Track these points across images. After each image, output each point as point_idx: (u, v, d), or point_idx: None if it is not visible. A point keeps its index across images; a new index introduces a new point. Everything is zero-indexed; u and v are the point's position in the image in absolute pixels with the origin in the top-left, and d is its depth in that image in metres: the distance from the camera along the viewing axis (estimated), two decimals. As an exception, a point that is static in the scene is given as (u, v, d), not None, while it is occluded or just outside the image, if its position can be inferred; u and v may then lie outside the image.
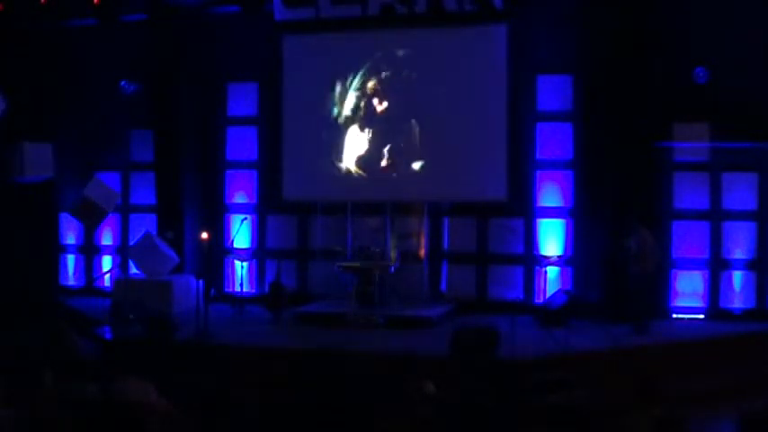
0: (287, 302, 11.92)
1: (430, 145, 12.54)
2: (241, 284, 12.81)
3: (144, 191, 14.01)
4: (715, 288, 11.91)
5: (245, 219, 12.90)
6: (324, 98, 12.99)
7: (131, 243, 13.28)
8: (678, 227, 12.05)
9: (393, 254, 11.92)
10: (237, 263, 12.92)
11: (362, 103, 12.85)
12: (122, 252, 13.88)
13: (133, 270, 12.71)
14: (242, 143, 13.75)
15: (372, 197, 12.77)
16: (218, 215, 13.77)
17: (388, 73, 12.75)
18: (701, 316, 11.83)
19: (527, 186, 12.51)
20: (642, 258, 10.71)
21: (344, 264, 11.84)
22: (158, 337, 10.17)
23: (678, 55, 11.71)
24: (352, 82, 12.87)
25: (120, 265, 13.63)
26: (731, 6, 11.64)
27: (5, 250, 12.61)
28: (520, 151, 12.44)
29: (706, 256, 11.98)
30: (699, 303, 11.93)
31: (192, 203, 13.51)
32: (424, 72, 12.58)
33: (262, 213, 13.67)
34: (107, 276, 13.55)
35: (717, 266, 11.94)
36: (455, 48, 12.50)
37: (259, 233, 13.66)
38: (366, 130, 12.82)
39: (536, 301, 12.28)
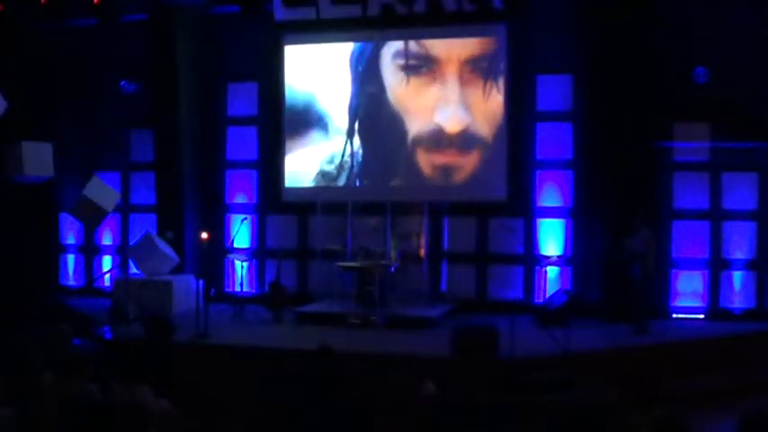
0: (287, 302, 11.92)
1: (430, 145, 12.57)
2: (241, 284, 12.81)
3: (144, 191, 14.02)
4: (715, 288, 11.92)
5: (245, 219, 12.91)
6: (324, 98, 13.00)
7: (131, 243, 13.29)
8: (678, 227, 12.06)
9: (393, 254, 11.90)
10: (237, 263, 12.92)
11: (362, 102, 12.88)
12: (122, 252, 13.89)
13: (133, 270, 12.71)
14: (242, 143, 13.76)
15: (372, 197, 12.77)
16: (218, 215, 13.78)
17: (387, 73, 12.78)
18: (701, 316, 11.84)
19: (527, 186, 12.51)
20: (645, 258, 10.70)
21: (344, 264, 11.83)
22: (158, 337, 10.16)
23: (678, 55, 11.71)
24: (354, 75, 12.89)
25: (120, 265, 13.64)
26: (731, 6, 11.64)
27: (5, 250, 12.61)
28: (520, 151, 12.44)
29: (706, 256, 11.99)
30: (699, 303, 11.94)
31: (192, 203, 13.51)
32: (424, 72, 12.59)
33: (262, 213, 13.68)
34: (107, 276, 13.57)
35: (717, 266, 11.95)
36: (455, 48, 12.51)
37: (259, 233, 13.66)
38: (365, 129, 12.87)
39: (536, 301, 12.28)
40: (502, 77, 12.36)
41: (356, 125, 12.89)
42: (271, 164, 13.41)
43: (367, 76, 12.86)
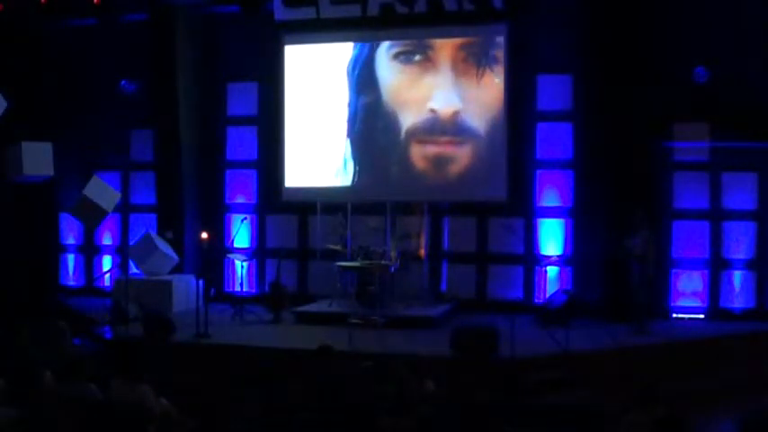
0: (287, 302, 11.92)
1: (424, 134, 12.57)
2: (241, 284, 12.81)
3: (144, 191, 14.02)
4: (715, 288, 11.92)
5: (245, 219, 12.92)
6: (323, 98, 13.00)
7: (131, 243, 13.28)
8: (678, 227, 12.06)
9: (393, 254, 11.90)
10: (237, 263, 12.92)
11: (360, 108, 12.88)
12: (122, 252, 13.88)
13: (133, 270, 12.71)
14: (242, 143, 13.76)
15: (373, 197, 12.77)
16: (218, 215, 13.78)
17: (383, 67, 12.77)
18: (701, 316, 11.84)
19: (527, 186, 12.51)
20: (645, 258, 10.70)
21: (344, 264, 11.83)
22: (158, 337, 10.16)
23: (678, 55, 11.71)
24: (351, 81, 12.89)
25: (120, 265, 13.63)
26: (731, 6, 11.65)
27: (5, 250, 12.61)
28: (520, 151, 12.44)
29: (706, 256, 11.99)
30: (699, 303, 11.94)
31: (192, 203, 13.51)
32: (418, 59, 12.58)
33: (262, 213, 13.68)
34: (107, 276, 13.56)
35: (717, 266, 11.95)
36: (455, 48, 12.50)
37: (259, 233, 13.66)
38: (363, 133, 12.88)
39: (536, 300, 12.29)
40: (496, 65, 12.31)
41: (355, 130, 12.87)
42: (271, 164, 13.40)
43: (363, 80, 12.81)
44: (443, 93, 12.47)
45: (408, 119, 12.64)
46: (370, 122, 12.81)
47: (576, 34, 12.08)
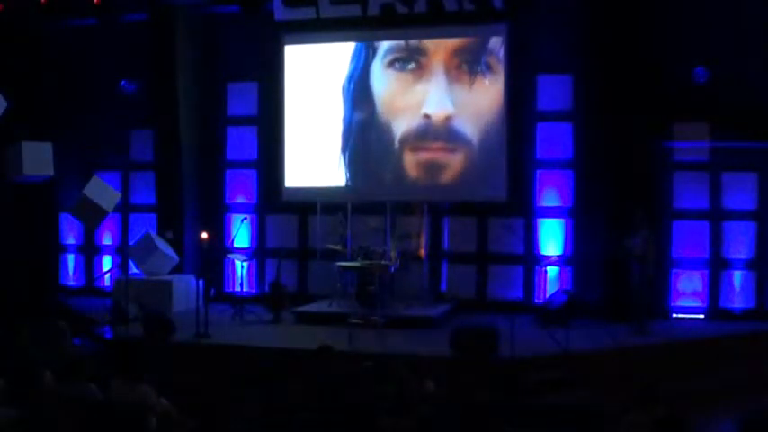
0: (287, 302, 11.92)
1: (417, 141, 12.57)
2: (241, 284, 12.82)
3: (144, 191, 14.02)
4: (715, 288, 11.93)
5: (245, 219, 12.92)
6: (324, 98, 13.00)
7: (131, 243, 13.29)
8: (678, 227, 12.06)
9: (393, 254, 11.90)
10: (237, 263, 12.92)
11: (358, 116, 12.87)
12: (122, 252, 13.88)
13: (133, 270, 12.71)
14: (242, 143, 13.76)
15: (372, 197, 12.77)
16: (218, 215, 13.78)
17: (377, 74, 12.76)
18: (701, 316, 11.84)
19: (527, 186, 12.51)
20: (645, 258, 10.70)
21: (344, 264, 11.83)
22: (158, 337, 10.16)
23: (678, 55, 11.71)
24: (347, 96, 12.88)
25: (120, 265, 13.63)
26: (731, 6, 11.66)
27: (5, 250, 12.61)
28: (520, 151, 12.44)
29: (706, 256, 11.99)
30: (699, 303, 11.95)
31: (191, 203, 13.52)
32: (413, 65, 12.58)
33: (262, 213, 13.69)
34: (107, 276, 13.56)
35: (717, 266, 11.95)
36: (449, 54, 12.49)
37: (259, 233, 13.67)
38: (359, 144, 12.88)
39: (536, 300, 12.29)
40: (492, 70, 12.30)
41: (350, 144, 12.86)
42: (271, 164, 13.40)
43: (358, 94, 12.78)
44: (437, 98, 12.44)
45: (402, 126, 12.62)
46: (366, 134, 12.80)
47: (576, 34, 12.08)
